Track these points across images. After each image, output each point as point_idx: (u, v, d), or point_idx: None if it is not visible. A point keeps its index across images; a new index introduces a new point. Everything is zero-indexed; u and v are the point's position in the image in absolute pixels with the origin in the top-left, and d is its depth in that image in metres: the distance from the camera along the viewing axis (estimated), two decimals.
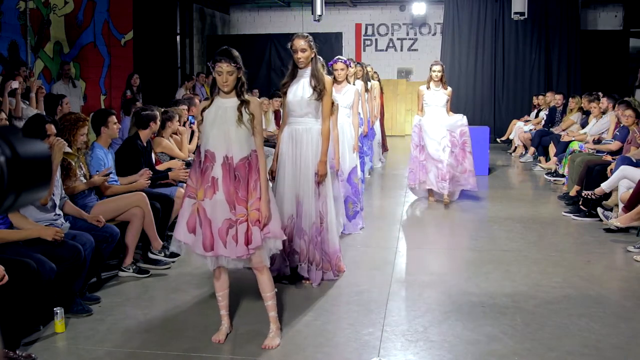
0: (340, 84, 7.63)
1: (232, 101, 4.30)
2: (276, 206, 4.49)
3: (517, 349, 4.43)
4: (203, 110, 4.36)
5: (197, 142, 4.47)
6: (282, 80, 5.80)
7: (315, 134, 5.58)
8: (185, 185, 4.43)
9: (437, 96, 9.07)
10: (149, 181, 6.30)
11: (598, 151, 9.48)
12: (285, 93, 5.65)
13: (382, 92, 14.15)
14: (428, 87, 9.17)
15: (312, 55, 5.57)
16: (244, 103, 4.28)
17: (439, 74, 9.08)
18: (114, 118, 6.42)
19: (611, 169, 8.01)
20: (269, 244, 4.38)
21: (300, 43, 5.52)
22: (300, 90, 5.55)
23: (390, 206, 9.44)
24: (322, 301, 5.39)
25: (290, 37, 5.66)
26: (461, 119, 9.21)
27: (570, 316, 5.02)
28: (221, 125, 4.25)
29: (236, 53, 4.34)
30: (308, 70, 5.57)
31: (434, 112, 9.06)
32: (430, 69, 9.20)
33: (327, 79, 5.67)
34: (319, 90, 5.50)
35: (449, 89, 9.24)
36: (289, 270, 5.78)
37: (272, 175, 5.66)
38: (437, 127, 9.00)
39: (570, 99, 13.06)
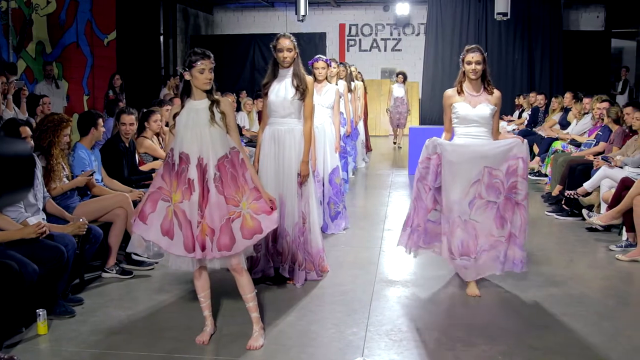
0: (321, 83, 7.61)
1: (204, 102, 4.33)
2: None
3: (501, 347, 4.45)
4: (174, 115, 4.37)
5: (170, 144, 4.43)
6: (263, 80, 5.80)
7: (298, 135, 5.59)
8: (158, 187, 4.37)
9: (476, 107, 5.46)
10: (90, 177, 6.11)
11: (580, 150, 9.52)
12: (266, 93, 5.65)
13: (365, 93, 14.18)
14: (460, 92, 5.54)
15: (295, 56, 5.59)
16: (214, 103, 4.32)
17: (478, 68, 5.46)
18: (101, 120, 6.43)
19: (597, 167, 8.03)
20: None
21: (286, 42, 5.54)
22: (282, 90, 5.55)
23: (374, 206, 9.45)
24: (306, 301, 5.39)
25: (274, 37, 5.67)
26: (515, 146, 5.35)
27: (553, 315, 5.05)
28: (194, 127, 4.26)
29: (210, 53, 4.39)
30: (290, 70, 5.58)
31: (468, 134, 5.49)
32: (463, 60, 5.53)
33: (309, 79, 5.69)
34: (302, 90, 5.52)
35: (497, 93, 5.58)
36: (273, 271, 5.78)
37: None
38: (468, 161, 5.33)
39: (553, 99, 13.13)
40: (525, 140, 5.46)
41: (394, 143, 16.47)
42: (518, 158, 5.33)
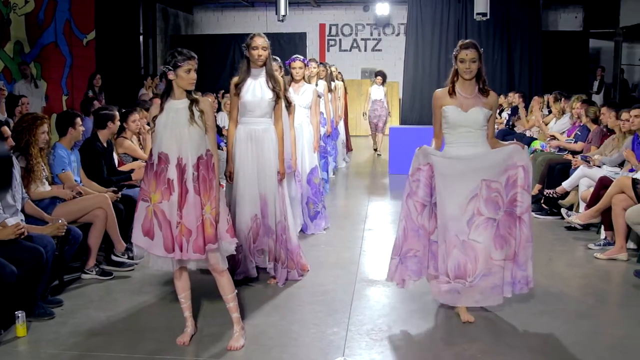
0: (298, 83, 7.60)
1: (183, 102, 4.31)
2: (225, 207, 4.48)
3: (480, 346, 4.48)
4: (154, 117, 4.34)
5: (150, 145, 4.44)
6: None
7: (274, 134, 5.62)
8: (139, 188, 4.40)
9: (468, 111, 4.80)
10: (75, 196, 6.07)
11: (560, 149, 9.58)
12: (238, 93, 5.63)
13: (346, 93, 14.18)
14: (451, 93, 4.86)
15: (268, 55, 5.61)
16: (193, 102, 4.30)
17: (473, 67, 4.78)
18: (79, 120, 6.38)
19: (576, 166, 8.09)
20: (223, 246, 4.37)
21: (260, 41, 5.57)
22: (258, 90, 5.56)
23: (354, 206, 9.46)
24: (286, 301, 5.39)
25: None
26: (514, 153, 4.76)
27: (532, 313, 5.07)
28: (174, 127, 4.25)
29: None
30: (263, 70, 5.59)
31: (459, 142, 4.83)
32: (456, 57, 4.82)
33: (281, 79, 5.76)
34: (278, 91, 5.54)
35: (493, 94, 4.99)
36: (255, 272, 5.77)
37: (231, 176, 5.63)
38: (462, 174, 4.71)
39: (537, 97, 13.17)
40: (526, 146, 5.01)
41: (375, 150, 15.37)
42: (518, 167, 4.72)
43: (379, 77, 14.71)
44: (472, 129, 4.79)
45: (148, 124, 7.71)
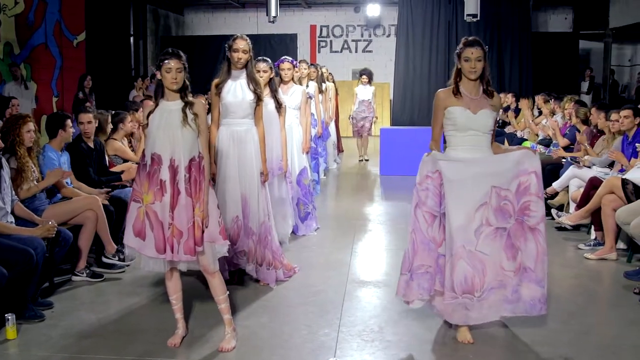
0: (287, 84, 7.60)
1: (177, 103, 4.31)
2: (217, 210, 4.47)
3: (471, 347, 4.48)
4: (148, 115, 4.34)
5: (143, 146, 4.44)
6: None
7: (256, 135, 5.62)
8: (132, 189, 4.40)
9: (477, 113, 4.52)
10: (64, 172, 6.02)
11: (549, 150, 9.62)
12: (219, 93, 5.63)
13: (337, 94, 14.15)
14: (456, 93, 4.57)
15: (249, 58, 5.61)
16: (188, 104, 4.31)
17: (479, 66, 4.51)
18: (69, 122, 6.37)
19: (552, 154, 8.15)
20: (215, 247, 4.37)
21: (243, 44, 5.58)
22: (239, 92, 5.56)
23: (345, 207, 9.46)
24: (278, 303, 5.39)
25: None
26: (526, 159, 4.56)
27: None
28: (167, 128, 4.25)
29: (182, 53, 4.36)
30: (243, 72, 5.60)
31: (468, 145, 4.55)
32: (459, 55, 4.54)
33: (261, 81, 5.81)
34: (259, 93, 5.55)
35: (497, 96, 4.69)
36: (228, 274, 5.73)
37: (214, 178, 5.59)
38: (471, 180, 4.39)
39: (522, 99, 13.24)
40: (537, 151, 4.60)
41: (360, 161, 14.21)
42: (530, 173, 4.46)
43: (364, 76, 13.83)
44: (480, 132, 4.51)
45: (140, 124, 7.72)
